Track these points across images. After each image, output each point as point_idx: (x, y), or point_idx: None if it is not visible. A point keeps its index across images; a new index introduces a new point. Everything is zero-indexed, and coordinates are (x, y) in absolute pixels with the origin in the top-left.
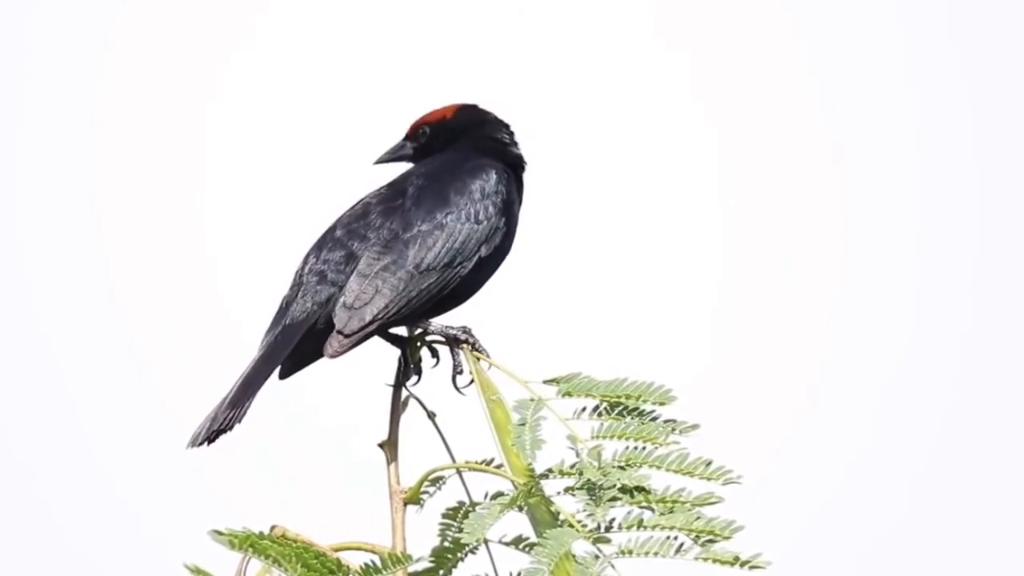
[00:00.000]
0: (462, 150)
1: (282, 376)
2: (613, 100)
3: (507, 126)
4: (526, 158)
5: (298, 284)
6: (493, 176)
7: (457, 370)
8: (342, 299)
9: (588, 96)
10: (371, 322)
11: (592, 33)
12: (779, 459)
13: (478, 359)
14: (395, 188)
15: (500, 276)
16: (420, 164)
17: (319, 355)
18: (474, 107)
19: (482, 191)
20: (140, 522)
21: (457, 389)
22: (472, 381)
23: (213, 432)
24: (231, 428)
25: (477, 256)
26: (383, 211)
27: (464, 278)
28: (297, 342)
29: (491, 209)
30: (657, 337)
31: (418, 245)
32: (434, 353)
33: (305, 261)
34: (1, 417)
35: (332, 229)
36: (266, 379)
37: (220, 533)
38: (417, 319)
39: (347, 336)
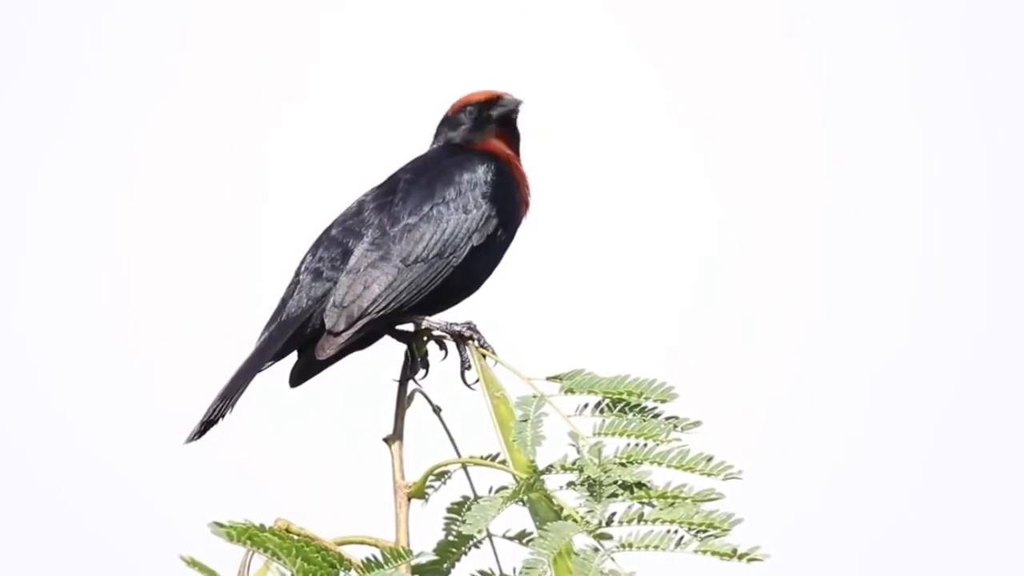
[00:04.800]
0: (456, 143)
1: (292, 384)
2: (614, 99)
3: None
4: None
5: (295, 282)
6: (481, 166)
7: (465, 366)
8: (332, 298)
9: (590, 95)
10: (360, 317)
11: (590, 33)
12: (778, 453)
13: (484, 356)
14: (388, 185)
15: (504, 273)
16: (411, 160)
17: (326, 364)
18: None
19: (470, 181)
20: (148, 514)
21: (467, 384)
22: (479, 378)
23: (203, 424)
24: (221, 418)
25: (469, 246)
26: (376, 208)
27: (460, 268)
28: (294, 339)
29: (480, 199)
30: (659, 333)
31: (406, 238)
32: (442, 346)
33: (303, 260)
34: (11, 406)
35: (329, 228)
36: (257, 371)
37: (219, 525)
38: (414, 313)
39: (337, 335)
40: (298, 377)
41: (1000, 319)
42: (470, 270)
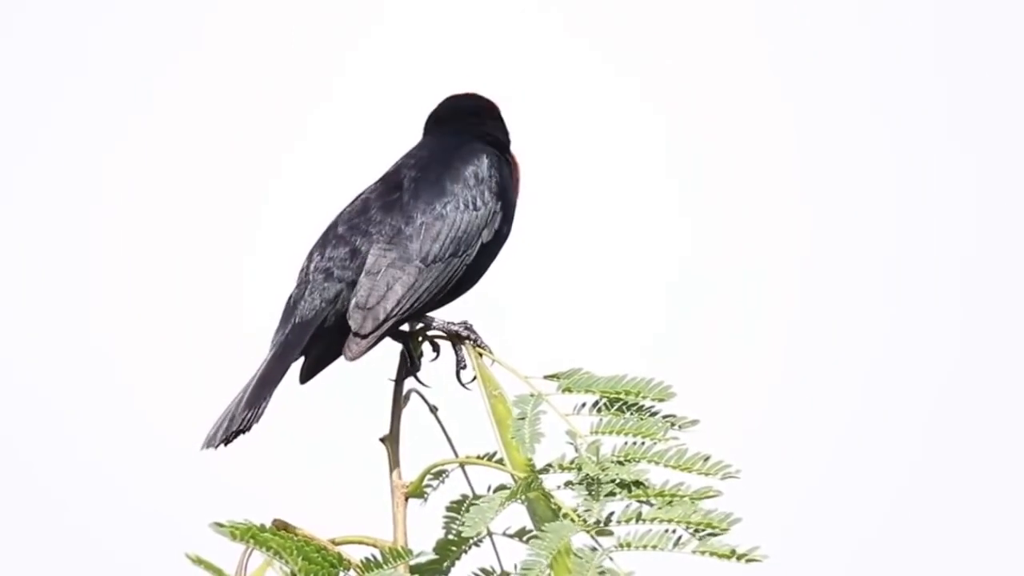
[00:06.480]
0: (449, 134)
1: (302, 380)
2: (607, 98)
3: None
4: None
5: (305, 282)
6: (485, 160)
7: (461, 365)
8: (354, 300)
9: (583, 94)
10: (386, 319)
11: (588, 32)
12: (776, 453)
13: (481, 355)
14: (390, 181)
15: (503, 272)
16: (410, 154)
17: (333, 357)
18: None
19: (476, 176)
20: (147, 515)
21: (462, 384)
22: (475, 377)
23: (232, 433)
24: (249, 428)
25: (479, 242)
26: (382, 206)
27: (469, 266)
28: (313, 341)
29: (487, 194)
30: (657, 333)
31: (422, 238)
32: (435, 347)
33: (310, 259)
34: (11, 408)
35: (334, 226)
36: (281, 378)
37: (221, 525)
38: (426, 312)
39: (364, 337)
40: (307, 374)
41: (993, 317)
42: (477, 267)
